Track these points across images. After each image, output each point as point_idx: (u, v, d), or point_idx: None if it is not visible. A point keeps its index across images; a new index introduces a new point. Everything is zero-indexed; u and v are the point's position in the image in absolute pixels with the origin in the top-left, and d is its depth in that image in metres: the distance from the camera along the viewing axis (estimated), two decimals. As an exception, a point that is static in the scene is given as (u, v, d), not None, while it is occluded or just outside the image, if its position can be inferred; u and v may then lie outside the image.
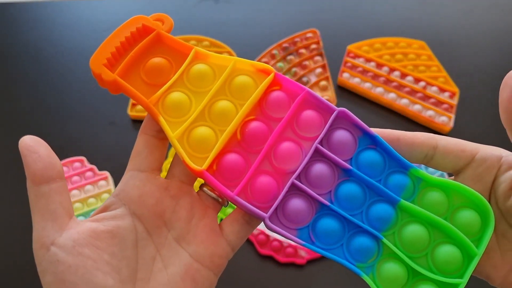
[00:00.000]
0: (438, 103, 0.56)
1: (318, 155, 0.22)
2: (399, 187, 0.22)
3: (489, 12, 0.68)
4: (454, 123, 0.55)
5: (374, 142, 0.22)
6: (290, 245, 0.46)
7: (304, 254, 0.46)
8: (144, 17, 0.24)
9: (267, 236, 0.47)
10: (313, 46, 0.60)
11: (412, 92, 0.57)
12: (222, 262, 0.23)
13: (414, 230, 0.22)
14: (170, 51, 0.24)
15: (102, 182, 0.50)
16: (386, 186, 0.22)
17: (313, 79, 0.58)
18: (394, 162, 0.22)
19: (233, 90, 0.23)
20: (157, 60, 0.23)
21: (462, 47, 0.63)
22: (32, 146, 0.21)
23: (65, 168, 0.51)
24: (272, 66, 0.59)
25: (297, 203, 0.22)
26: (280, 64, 0.59)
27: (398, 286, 0.21)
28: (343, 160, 0.22)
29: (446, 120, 0.55)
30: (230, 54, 0.60)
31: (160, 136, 0.23)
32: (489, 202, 0.22)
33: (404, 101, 0.56)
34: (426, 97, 0.57)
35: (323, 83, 0.58)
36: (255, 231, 0.47)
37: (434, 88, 0.57)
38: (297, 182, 0.22)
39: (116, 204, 0.22)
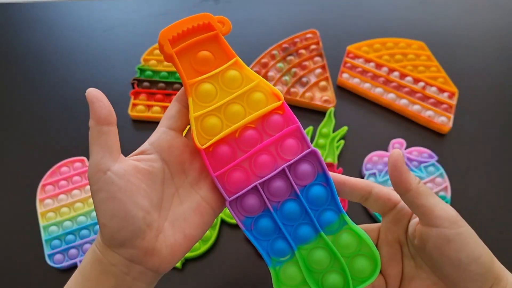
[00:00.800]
0: (438, 103, 0.56)
1: (283, 174, 0.29)
2: (328, 221, 0.29)
3: (488, 12, 0.68)
4: (453, 123, 0.55)
5: (327, 182, 0.29)
6: (290, 245, 0.47)
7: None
8: (211, 16, 0.31)
9: (267, 235, 0.47)
10: (313, 46, 0.61)
11: (412, 92, 0.57)
12: (222, 205, 0.30)
13: (319, 254, 0.29)
14: (219, 51, 0.30)
15: (103, 182, 0.50)
16: (320, 216, 0.29)
17: (312, 79, 0.58)
18: (334, 203, 0.29)
19: (249, 100, 0.30)
20: (206, 53, 0.30)
21: (462, 47, 0.64)
22: (98, 96, 0.28)
23: (66, 168, 0.51)
24: (272, 66, 0.59)
25: (252, 200, 0.29)
26: (280, 64, 0.59)
27: (290, 283, 0.29)
28: (300, 185, 0.29)
29: (445, 120, 0.55)
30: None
31: (188, 108, 0.30)
32: (406, 240, 0.29)
33: (404, 101, 0.56)
34: (425, 98, 0.57)
35: (322, 83, 0.58)
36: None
37: (434, 89, 0.57)
38: (259, 186, 0.29)
39: (150, 150, 0.29)
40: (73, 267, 0.45)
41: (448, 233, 0.26)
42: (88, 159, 0.52)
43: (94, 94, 0.28)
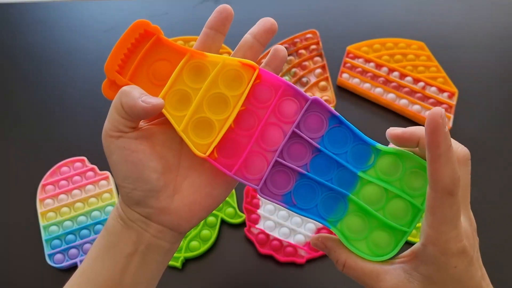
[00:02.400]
0: (437, 103, 0.56)
1: (296, 136, 0.28)
2: (361, 157, 0.28)
3: (488, 12, 0.68)
4: (453, 123, 0.55)
5: (339, 122, 0.28)
6: (290, 245, 0.46)
7: (303, 254, 0.46)
8: (145, 22, 0.28)
9: (267, 235, 0.47)
10: (313, 46, 0.61)
11: (411, 92, 0.57)
12: (235, 182, 0.30)
13: (370, 191, 0.28)
14: (170, 53, 0.28)
15: (103, 182, 0.50)
16: (351, 155, 0.28)
17: (312, 79, 0.58)
18: (357, 138, 0.28)
19: (225, 83, 0.28)
20: (159, 63, 0.28)
21: (461, 47, 0.64)
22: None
23: (66, 168, 0.51)
24: (272, 66, 0.59)
25: (280, 176, 0.28)
26: (280, 64, 0.59)
27: (358, 235, 0.28)
28: (315, 137, 0.28)
29: (445, 120, 0.55)
30: (230, 55, 0.60)
31: None
32: None
33: (403, 102, 0.56)
34: (425, 98, 0.57)
35: (322, 83, 0.58)
36: (255, 231, 0.47)
37: (433, 89, 0.58)
38: (279, 159, 0.28)
39: None
40: (73, 267, 0.45)
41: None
42: (88, 159, 0.52)
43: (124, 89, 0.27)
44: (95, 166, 0.51)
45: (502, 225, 0.49)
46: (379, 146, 0.28)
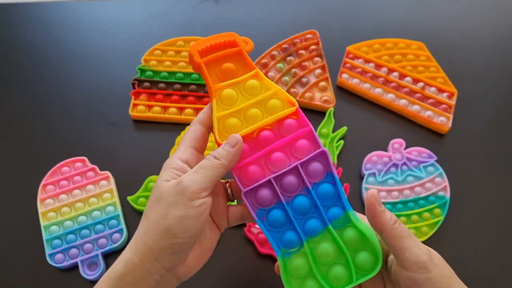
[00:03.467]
0: (437, 103, 0.57)
1: (295, 170, 0.32)
2: (335, 216, 0.32)
3: (487, 13, 0.68)
4: (452, 123, 0.55)
5: (334, 181, 0.32)
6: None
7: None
8: (236, 35, 0.35)
9: (267, 235, 0.47)
10: (313, 47, 0.61)
11: (411, 92, 0.57)
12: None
13: (326, 247, 0.31)
14: (242, 63, 0.34)
15: (104, 182, 0.50)
16: (328, 211, 0.32)
17: (312, 79, 0.58)
18: (340, 200, 0.32)
19: (266, 106, 0.33)
20: (230, 65, 0.34)
21: (461, 48, 0.64)
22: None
23: (66, 168, 0.51)
24: (272, 66, 0.59)
25: (266, 193, 0.32)
26: (280, 64, 0.60)
27: (298, 273, 0.32)
28: (310, 182, 0.32)
29: (444, 120, 0.55)
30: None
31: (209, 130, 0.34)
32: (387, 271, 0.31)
33: (403, 102, 0.57)
34: (424, 98, 0.57)
35: (322, 83, 0.58)
36: (255, 231, 0.47)
37: (433, 89, 0.58)
38: (273, 180, 0.32)
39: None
40: (74, 266, 0.46)
41: (417, 277, 0.27)
42: (89, 159, 0.52)
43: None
44: (95, 166, 0.51)
45: (502, 225, 0.49)
46: (352, 216, 0.32)
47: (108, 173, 0.51)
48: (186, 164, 0.30)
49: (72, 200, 0.49)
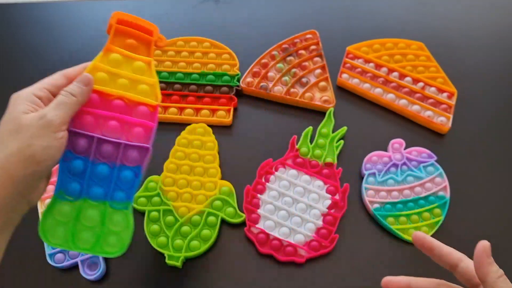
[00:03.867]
0: (437, 103, 0.57)
1: (117, 145, 0.36)
2: (119, 198, 0.36)
3: (487, 13, 0.68)
4: (452, 123, 0.55)
5: (138, 174, 0.36)
6: (289, 244, 0.47)
7: (303, 253, 0.46)
8: (157, 29, 0.39)
9: (267, 235, 0.47)
10: (313, 47, 0.61)
11: (411, 92, 0.57)
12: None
13: (94, 213, 0.35)
14: (145, 49, 0.39)
15: (104, 182, 0.50)
16: (116, 192, 0.36)
17: (312, 79, 0.58)
18: (132, 190, 0.36)
19: (138, 86, 0.37)
20: (135, 43, 0.39)
21: (461, 48, 0.64)
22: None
23: None
24: (272, 66, 0.59)
25: (83, 143, 0.35)
26: (280, 64, 0.60)
27: (57, 217, 0.35)
28: (121, 161, 0.36)
29: (444, 120, 0.55)
30: (231, 55, 0.60)
31: None
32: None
33: (403, 102, 0.57)
34: (424, 98, 0.57)
35: (322, 83, 0.58)
36: (255, 231, 0.47)
37: (433, 89, 0.58)
38: (96, 139, 0.35)
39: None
40: (74, 266, 0.46)
41: None
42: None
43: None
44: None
45: (502, 225, 0.49)
46: (130, 206, 0.36)
47: (108, 173, 0.51)
48: (40, 101, 0.33)
49: None
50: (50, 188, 0.49)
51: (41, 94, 0.33)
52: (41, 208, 0.48)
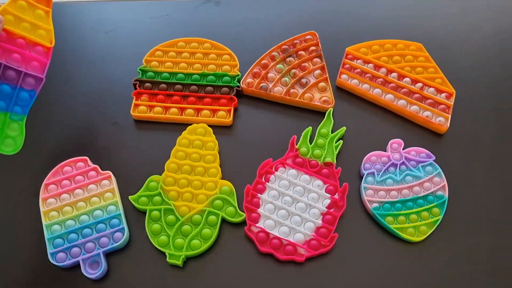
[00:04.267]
0: (435, 103, 0.57)
1: (18, 72, 0.45)
2: (16, 111, 0.46)
3: (485, 13, 0.69)
4: (450, 123, 0.55)
5: (34, 95, 0.47)
6: (289, 243, 0.47)
7: (303, 252, 0.47)
8: None
9: (267, 234, 0.47)
10: (312, 48, 0.61)
11: (410, 93, 0.58)
12: None
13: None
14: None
15: (105, 182, 0.51)
16: (15, 106, 0.45)
17: (312, 80, 0.59)
18: (27, 105, 0.47)
19: (37, 31, 0.47)
20: None
21: (459, 48, 0.64)
22: None
23: (68, 168, 0.52)
24: (271, 67, 0.60)
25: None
26: (279, 65, 0.60)
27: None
28: (23, 85, 0.45)
29: (443, 120, 0.56)
30: (231, 56, 0.61)
31: None
32: None
33: (402, 102, 0.57)
34: (423, 98, 0.57)
35: (321, 84, 0.59)
36: (255, 230, 0.48)
37: (431, 89, 0.58)
38: (2, 65, 0.44)
39: None
40: (76, 265, 0.46)
41: None
42: (90, 159, 0.52)
43: None
44: (97, 166, 0.51)
45: (501, 224, 0.49)
46: (24, 118, 0.46)
47: (109, 173, 0.51)
48: None
49: (74, 200, 0.49)
50: (52, 188, 0.50)
51: None
52: (42, 207, 0.49)
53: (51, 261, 0.45)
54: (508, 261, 0.47)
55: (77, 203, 0.49)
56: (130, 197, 0.50)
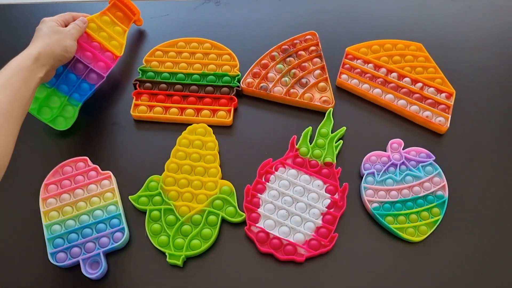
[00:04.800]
0: (435, 103, 0.57)
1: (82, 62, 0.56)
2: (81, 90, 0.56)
3: (484, 13, 0.69)
4: (450, 123, 0.55)
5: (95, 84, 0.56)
6: (289, 243, 0.47)
7: (303, 252, 0.47)
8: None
9: (267, 234, 0.47)
10: (312, 48, 0.61)
11: (410, 93, 0.58)
12: None
13: (54, 99, 0.55)
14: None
15: (105, 182, 0.51)
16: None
17: (312, 80, 0.59)
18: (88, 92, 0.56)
19: (110, 36, 0.59)
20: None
21: (459, 48, 0.64)
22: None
23: (68, 168, 0.52)
24: (272, 67, 0.60)
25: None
26: (280, 65, 0.60)
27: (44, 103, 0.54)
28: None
29: (443, 120, 0.56)
30: (231, 56, 0.61)
31: None
32: None
33: (402, 102, 0.57)
34: (423, 98, 0.57)
35: (322, 84, 0.59)
36: (255, 230, 0.48)
37: (431, 89, 0.58)
38: (78, 57, 0.55)
39: None
40: (76, 265, 0.46)
41: None
42: (90, 159, 0.52)
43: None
44: (97, 166, 0.51)
45: (501, 225, 0.49)
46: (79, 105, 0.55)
47: (109, 173, 0.51)
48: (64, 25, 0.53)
49: (74, 200, 0.49)
50: (52, 188, 0.50)
51: (60, 22, 0.52)
52: (42, 207, 0.49)
53: (51, 261, 0.45)
54: (508, 261, 0.47)
55: (77, 203, 0.49)
56: (130, 197, 0.50)
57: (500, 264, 0.47)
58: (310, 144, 0.54)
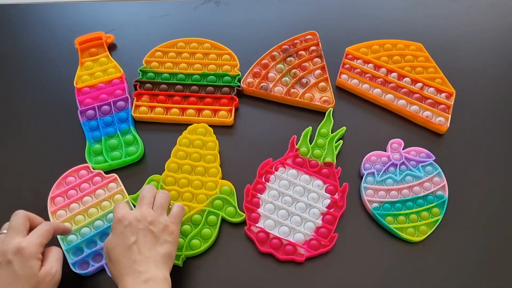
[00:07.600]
0: (435, 103, 0.57)
1: (109, 106, 0.58)
2: (122, 129, 0.56)
3: (485, 14, 0.69)
4: (450, 123, 0.55)
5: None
6: (289, 243, 0.47)
7: (303, 252, 0.47)
8: (103, 34, 0.63)
9: (267, 234, 0.48)
10: (313, 48, 0.61)
11: (410, 93, 0.58)
12: None
13: (114, 142, 0.55)
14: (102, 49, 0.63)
15: (112, 184, 0.50)
16: (121, 126, 0.56)
17: (312, 80, 0.59)
18: (128, 122, 0.56)
19: (107, 71, 0.60)
20: (94, 49, 0.63)
21: (459, 48, 0.64)
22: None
23: (71, 178, 0.51)
24: (272, 67, 0.60)
25: (91, 112, 0.57)
26: (280, 65, 0.60)
27: (94, 151, 0.54)
28: (115, 111, 0.57)
29: (443, 120, 0.56)
30: (231, 56, 0.61)
31: None
32: None
33: (402, 102, 0.57)
34: (423, 98, 0.58)
35: (322, 84, 0.59)
36: (255, 230, 0.48)
37: (431, 89, 0.58)
38: (96, 107, 0.57)
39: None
40: (101, 270, 0.45)
41: None
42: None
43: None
44: (100, 171, 0.51)
45: (501, 225, 0.49)
46: (133, 130, 0.55)
47: (115, 175, 0.51)
48: (41, 254, 0.40)
49: (84, 208, 0.48)
50: (59, 200, 0.50)
51: (42, 249, 0.40)
52: (53, 220, 0.48)
53: (74, 270, 0.45)
54: (508, 261, 0.47)
55: (88, 210, 0.48)
56: (130, 197, 0.50)
57: (500, 264, 0.47)
58: (310, 144, 0.54)
